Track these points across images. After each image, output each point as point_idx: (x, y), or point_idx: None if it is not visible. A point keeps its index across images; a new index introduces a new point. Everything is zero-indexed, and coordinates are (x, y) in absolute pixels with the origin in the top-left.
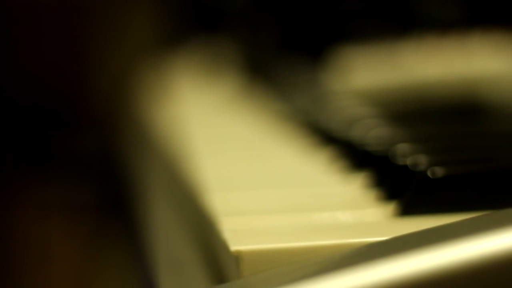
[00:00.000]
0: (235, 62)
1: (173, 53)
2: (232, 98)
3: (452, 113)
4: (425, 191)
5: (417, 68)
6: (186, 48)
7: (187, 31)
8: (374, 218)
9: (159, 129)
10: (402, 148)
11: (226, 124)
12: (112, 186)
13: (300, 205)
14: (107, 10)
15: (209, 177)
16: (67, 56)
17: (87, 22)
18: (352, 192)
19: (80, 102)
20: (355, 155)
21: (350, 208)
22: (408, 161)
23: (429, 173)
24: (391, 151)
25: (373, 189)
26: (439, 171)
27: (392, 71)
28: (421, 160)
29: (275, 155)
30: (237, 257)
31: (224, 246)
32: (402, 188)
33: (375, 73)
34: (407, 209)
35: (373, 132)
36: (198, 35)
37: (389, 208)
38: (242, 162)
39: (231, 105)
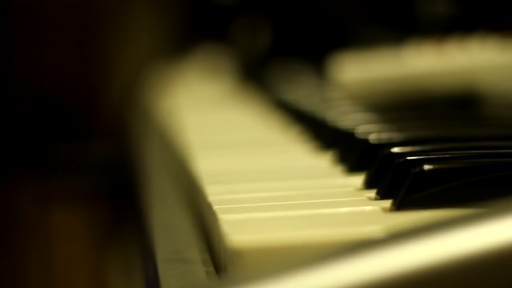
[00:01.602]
0: (235, 64)
1: (179, 56)
2: (232, 93)
3: (447, 109)
4: (420, 186)
5: (413, 64)
6: (190, 52)
7: (191, 36)
8: (371, 213)
9: (167, 126)
10: (397, 146)
11: (226, 118)
12: (120, 180)
13: (299, 201)
14: (118, 18)
15: (208, 172)
16: (80, 64)
17: (99, 31)
18: (350, 188)
19: (92, 108)
20: (351, 154)
21: (348, 203)
22: (403, 159)
23: (424, 170)
24: (386, 150)
25: (370, 185)
26: (433, 168)
27: (388, 67)
28: (416, 158)
29: (274, 151)
30: (236, 250)
31: (224, 240)
32: (397, 183)
33: (370, 69)
34: (403, 204)
35: (371, 133)
36: (202, 40)
37: (386, 203)
38: (240, 157)
39: (231, 100)
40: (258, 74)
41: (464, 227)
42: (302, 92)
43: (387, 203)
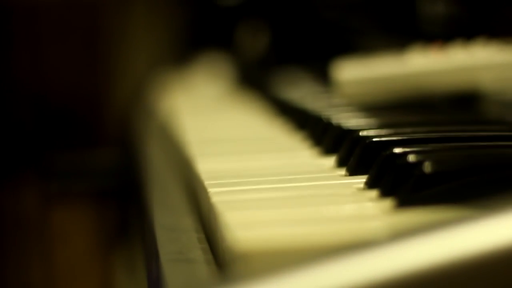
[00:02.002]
0: (238, 69)
1: (183, 62)
2: (235, 98)
3: (448, 109)
4: (421, 186)
5: (414, 63)
6: (194, 57)
7: (195, 42)
8: (373, 212)
9: (171, 128)
10: (399, 147)
11: (229, 122)
12: (124, 182)
13: (301, 202)
14: (121, 23)
15: (211, 173)
16: (84, 70)
17: (102, 36)
18: (352, 188)
19: (97, 115)
20: (353, 155)
21: (350, 203)
22: (404, 160)
23: (425, 170)
24: (388, 150)
25: (372, 185)
26: (434, 168)
27: (389, 67)
28: (417, 158)
29: (276, 153)
30: (239, 250)
31: (226, 239)
32: (399, 184)
33: (371, 69)
34: (404, 204)
35: (373, 134)
36: (205, 45)
37: (388, 203)
38: (242, 158)
39: (233, 104)
40: (260, 79)
41: (464, 227)
42: (304, 95)
43: (389, 203)
